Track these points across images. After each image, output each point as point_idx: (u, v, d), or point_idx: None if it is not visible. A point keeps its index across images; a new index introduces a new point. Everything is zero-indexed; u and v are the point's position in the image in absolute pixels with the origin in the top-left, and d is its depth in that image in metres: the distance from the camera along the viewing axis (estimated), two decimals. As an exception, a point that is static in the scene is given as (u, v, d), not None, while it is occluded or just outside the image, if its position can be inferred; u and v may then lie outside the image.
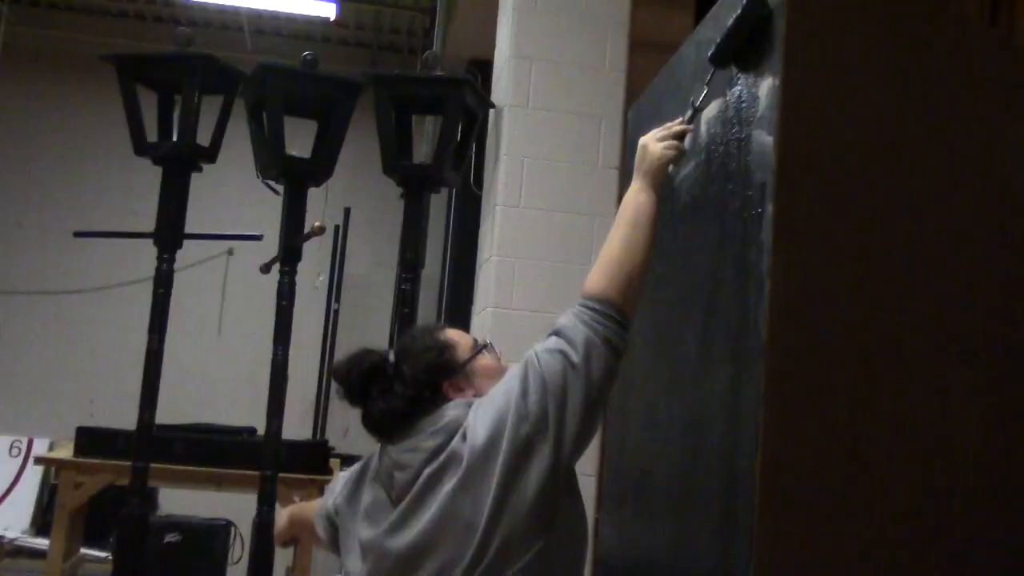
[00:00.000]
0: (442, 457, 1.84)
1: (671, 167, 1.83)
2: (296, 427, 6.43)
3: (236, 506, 4.50)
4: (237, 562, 4.43)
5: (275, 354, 3.46)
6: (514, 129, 3.69)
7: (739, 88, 1.65)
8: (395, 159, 3.56)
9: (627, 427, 2.11)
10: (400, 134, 3.62)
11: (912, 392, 1.44)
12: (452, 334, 2.03)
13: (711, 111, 1.78)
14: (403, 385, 1.95)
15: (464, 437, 1.81)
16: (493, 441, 1.74)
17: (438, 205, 5.95)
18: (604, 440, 2.44)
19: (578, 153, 3.69)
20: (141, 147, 3.46)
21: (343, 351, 2.12)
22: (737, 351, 1.51)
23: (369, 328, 6.68)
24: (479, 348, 1.99)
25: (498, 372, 1.93)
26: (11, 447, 6.13)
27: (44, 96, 6.94)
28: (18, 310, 6.64)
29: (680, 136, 1.82)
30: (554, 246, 3.66)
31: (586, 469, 3.59)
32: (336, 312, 6.78)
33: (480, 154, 4.37)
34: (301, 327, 3.53)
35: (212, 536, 4.32)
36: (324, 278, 6.38)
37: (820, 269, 1.45)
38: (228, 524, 4.45)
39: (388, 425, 1.97)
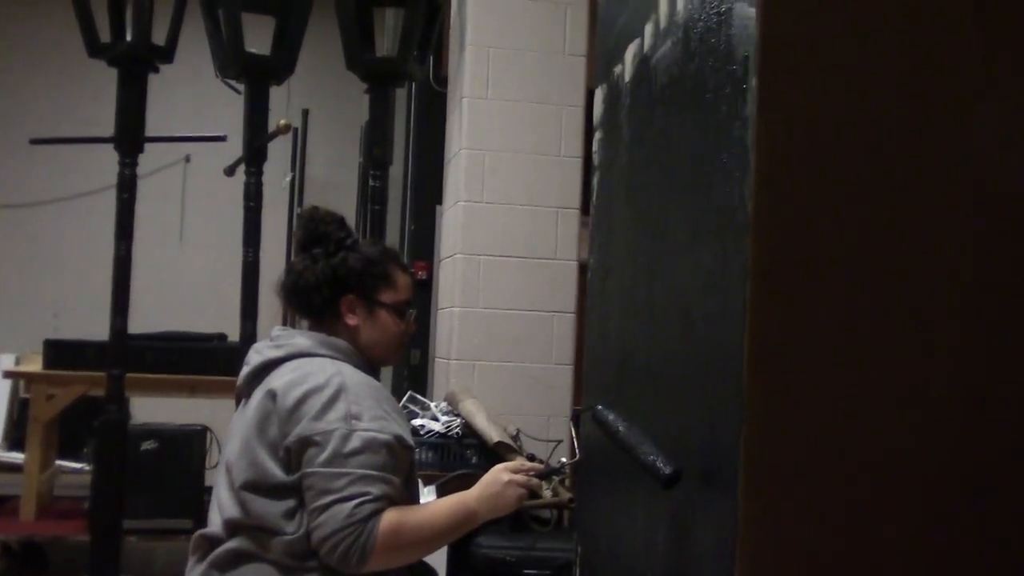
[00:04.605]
0: (263, 382, 1.92)
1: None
2: (265, 332, 6.38)
3: (209, 412, 4.52)
4: (215, 466, 4.43)
5: (246, 256, 3.44)
6: (479, 18, 3.61)
7: (718, -39, 1.61)
8: (358, 53, 3.48)
9: (607, 312, 2.12)
10: (362, 27, 3.53)
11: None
12: (402, 278, 2.04)
13: (688, -13, 1.74)
14: (324, 268, 1.96)
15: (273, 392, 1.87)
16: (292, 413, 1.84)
17: (397, 102, 5.85)
18: (583, 327, 2.46)
19: (544, 41, 3.63)
20: (95, 48, 3.37)
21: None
22: (722, 227, 1.50)
23: (333, 230, 6.61)
24: (399, 306, 2.02)
25: (388, 335, 2.00)
26: (-24, 363, 6.07)
27: (-14, 2, 6.68)
28: (-27, 225, 6.50)
29: (531, 485, 1.98)
30: (523, 137, 3.62)
31: (561, 358, 3.63)
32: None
33: (439, 47, 4.29)
34: (264, 232, 3.49)
35: (189, 441, 4.33)
36: (290, 176, 6.29)
37: (805, 142, 1.44)
38: (204, 429, 4.47)
39: (284, 291, 2.01)
